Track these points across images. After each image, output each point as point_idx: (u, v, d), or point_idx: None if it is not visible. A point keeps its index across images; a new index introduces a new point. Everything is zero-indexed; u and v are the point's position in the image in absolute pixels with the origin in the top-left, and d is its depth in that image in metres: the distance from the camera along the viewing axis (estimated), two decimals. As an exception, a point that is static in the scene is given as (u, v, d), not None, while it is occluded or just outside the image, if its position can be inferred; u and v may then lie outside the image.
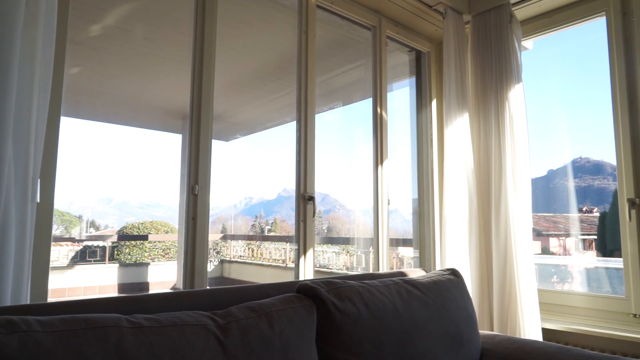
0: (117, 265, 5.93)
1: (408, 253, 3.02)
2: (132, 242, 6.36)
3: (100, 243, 6.08)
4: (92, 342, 0.90)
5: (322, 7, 2.33)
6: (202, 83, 1.83)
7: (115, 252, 6.15)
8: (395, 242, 3.15)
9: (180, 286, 1.83)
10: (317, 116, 2.24)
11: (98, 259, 5.89)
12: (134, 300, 1.20)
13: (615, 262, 2.35)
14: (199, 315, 1.11)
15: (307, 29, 2.23)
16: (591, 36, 2.52)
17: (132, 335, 0.96)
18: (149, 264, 6.08)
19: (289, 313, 1.22)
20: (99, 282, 5.64)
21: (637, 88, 2.18)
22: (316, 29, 2.26)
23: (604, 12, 2.32)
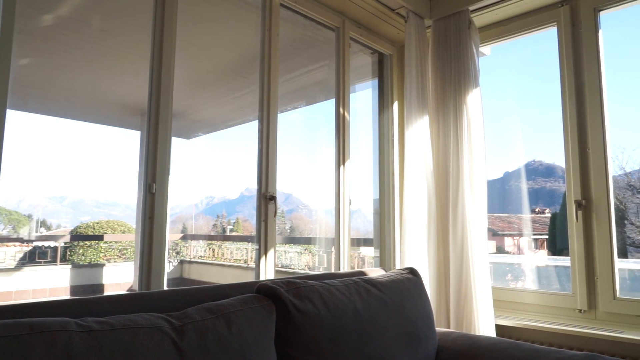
0: (70, 266, 5.68)
1: (369, 253, 3.06)
2: (87, 242, 6.11)
3: (52, 243, 5.80)
4: (36, 347, 0.86)
5: (285, 6, 2.32)
6: (161, 79, 1.78)
7: (68, 252, 5.89)
8: (357, 242, 3.19)
9: (137, 288, 1.77)
10: (280, 115, 2.23)
11: (49, 260, 5.62)
12: (85, 302, 1.15)
13: (564, 261, 2.47)
14: (153, 318, 1.08)
15: (271, 28, 2.21)
16: (544, 45, 2.64)
17: (81, 339, 0.92)
18: (104, 265, 5.86)
19: (247, 314, 1.21)
20: (50, 284, 5.38)
21: (584, 96, 2.31)
22: (280, 27, 2.25)
23: (555, 23, 2.44)
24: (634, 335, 1.97)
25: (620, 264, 2.23)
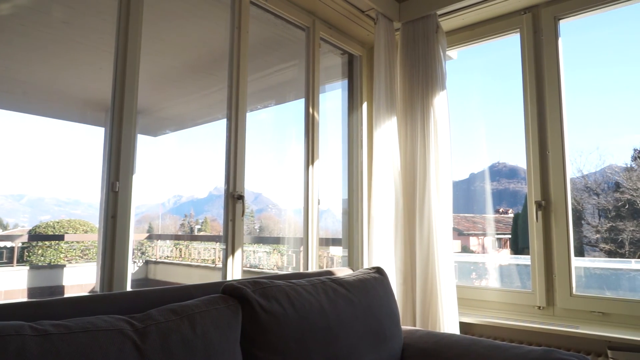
0: (28, 267, 5.44)
1: (339, 252, 3.07)
2: (46, 242, 5.86)
3: (8, 244, 5.54)
4: (-14, 353, 0.82)
5: (255, 4, 2.30)
6: (125, 74, 1.73)
7: (26, 253, 5.63)
8: (326, 242, 3.20)
9: (99, 289, 1.72)
10: (250, 114, 2.21)
11: (4, 261, 5.36)
12: (41, 305, 1.11)
13: (525, 259, 2.56)
14: (114, 320, 1.05)
15: (240, 25, 2.19)
16: (508, 50, 2.72)
17: (36, 343, 0.89)
18: (64, 266, 5.64)
19: (212, 314, 1.20)
20: (5, 286, 5.14)
21: (545, 100, 2.40)
22: (249, 25, 2.23)
23: (518, 29, 2.52)
24: (588, 330, 2.06)
25: (576, 262, 2.33)
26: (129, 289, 1.71)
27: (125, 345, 1.00)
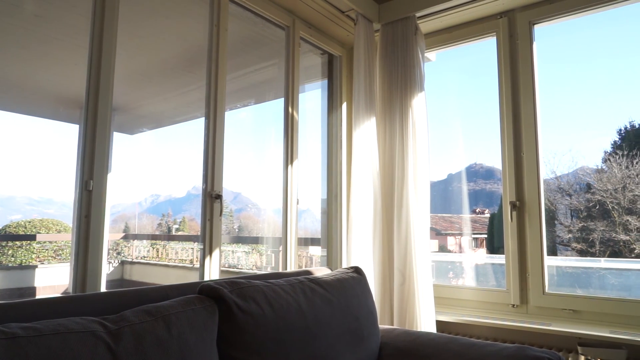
0: (-3, 268, 5.27)
1: (318, 252, 3.07)
2: (17, 242, 5.68)
3: (-24, 244, 5.35)
4: (-50, 357, 0.79)
5: (235, 2, 2.28)
6: (100, 70, 1.69)
7: (-5, 254, 5.45)
8: (305, 242, 3.19)
9: (71, 290, 1.68)
10: (230, 113, 2.20)
11: (-27, 262, 5.18)
12: (10, 307, 1.07)
13: (500, 259, 2.61)
14: (86, 322, 1.03)
15: (219, 23, 2.17)
16: (485, 53, 2.77)
17: (3, 347, 0.86)
18: (36, 266, 5.48)
19: (188, 315, 1.18)
20: (-27, 288, 4.96)
21: (519, 102, 2.45)
22: (228, 23, 2.21)
23: (494, 33, 2.57)
24: (560, 327, 2.12)
25: (549, 261, 2.39)
26: (103, 290, 1.68)
27: (98, 347, 0.98)
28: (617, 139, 4.74)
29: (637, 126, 4.66)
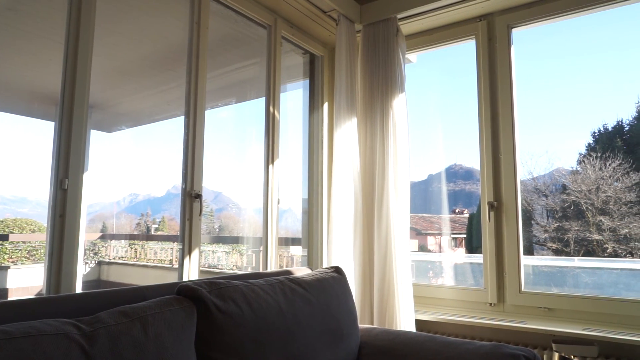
0: (-33, 269, 5.10)
1: (299, 252, 3.07)
2: (-11, 242, 5.51)
3: (-55, 244, 5.17)
4: None
5: (216, -1, 2.26)
6: (76, 66, 1.65)
7: (-35, 254, 5.28)
8: (286, 241, 3.19)
9: (45, 292, 1.64)
10: (211, 112, 2.17)
11: (-59, 262, 5.00)
12: (-21, 309, 1.04)
13: (479, 258, 2.65)
14: (59, 324, 1.00)
15: (200, 21, 2.15)
16: (465, 56, 2.81)
17: (-29, 350, 0.83)
18: (9, 267, 5.33)
19: (166, 316, 1.16)
20: (-59, 290, 4.79)
21: (498, 104, 2.49)
22: (209, 21, 2.19)
23: (473, 36, 2.61)
24: (535, 325, 2.16)
25: (525, 260, 2.44)
26: (79, 291, 1.64)
27: (72, 350, 0.95)
28: (592, 142, 4.87)
29: (610, 129, 4.80)
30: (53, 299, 1.19)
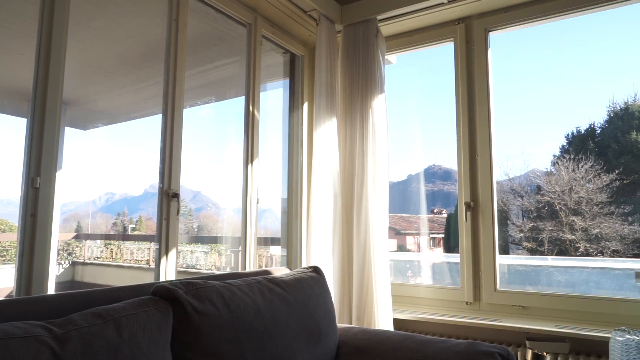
0: None
1: (278, 252, 3.06)
2: (-44, 243, 5.33)
3: None
4: None
5: (195, -4, 2.23)
6: (49, 61, 1.61)
7: None
8: (266, 241, 3.17)
9: (15, 293, 1.59)
10: (190, 110, 2.15)
11: None
12: (-57, 312, 1.00)
13: (456, 257, 2.69)
14: (29, 326, 0.98)
15: (178, 18, 2.12)
16: (444, 58, 2.85)
17: None
18: (-23, 268, 5.16)
19: (141, 318, 1.14)
20: None
21: (475, 106, 2.54)
22: (188, 18, 2.16)
23: (452, 39, 2.65)
24: (509, 323, 2.21)
25: (501, 259, 2.49)
26: (51, 292, 1.60)
27: (42, 353, 0.93)
28: (565, 144, 5.01)
29: (582, 132, 4.94)
30: (23, 300, 1.15)
